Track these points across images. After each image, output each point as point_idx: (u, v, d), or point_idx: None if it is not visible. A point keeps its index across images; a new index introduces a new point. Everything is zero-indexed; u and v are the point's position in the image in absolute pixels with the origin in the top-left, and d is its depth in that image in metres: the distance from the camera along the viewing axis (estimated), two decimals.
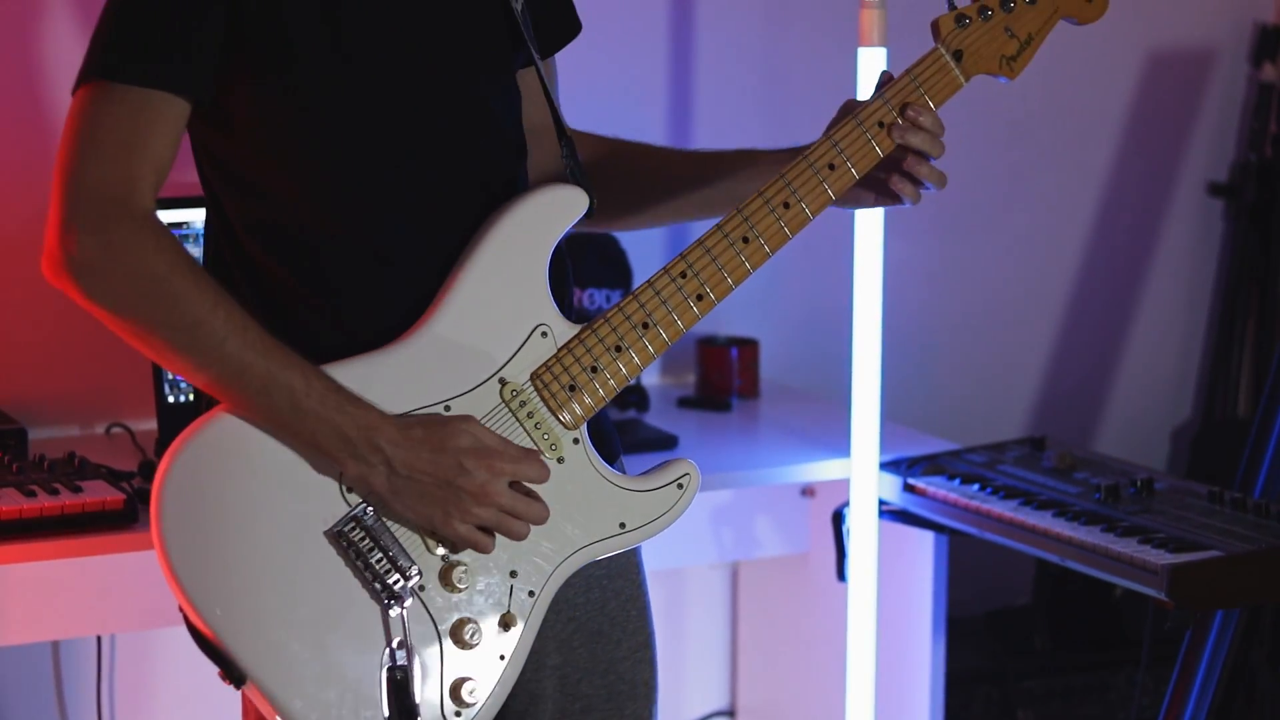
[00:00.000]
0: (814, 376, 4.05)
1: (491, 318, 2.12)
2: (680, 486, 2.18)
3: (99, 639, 3.34)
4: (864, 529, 3.25)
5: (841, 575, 3.33)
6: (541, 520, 2.09)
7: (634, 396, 3.67)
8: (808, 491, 3.73)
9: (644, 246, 3.87)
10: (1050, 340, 4.48)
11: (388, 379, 2.08)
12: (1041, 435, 3.49)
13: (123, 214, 1.99)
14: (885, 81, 2.25)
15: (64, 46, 3.32)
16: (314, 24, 2.07)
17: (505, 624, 2.10)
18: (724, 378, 3.85)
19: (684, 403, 3.83)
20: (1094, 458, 3.39)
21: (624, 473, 2.21)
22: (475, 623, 2.09)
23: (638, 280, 3.76)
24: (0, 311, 3.35)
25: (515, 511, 2.07)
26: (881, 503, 3.29)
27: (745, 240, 2.17)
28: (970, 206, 4.28)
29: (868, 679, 3.27)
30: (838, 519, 3.35)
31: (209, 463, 2.05)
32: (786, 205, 2.18)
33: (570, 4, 2.37)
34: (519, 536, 2.08)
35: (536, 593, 2.11)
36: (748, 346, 3.87)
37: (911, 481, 3.28)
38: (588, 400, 2.14)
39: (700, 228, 2.25)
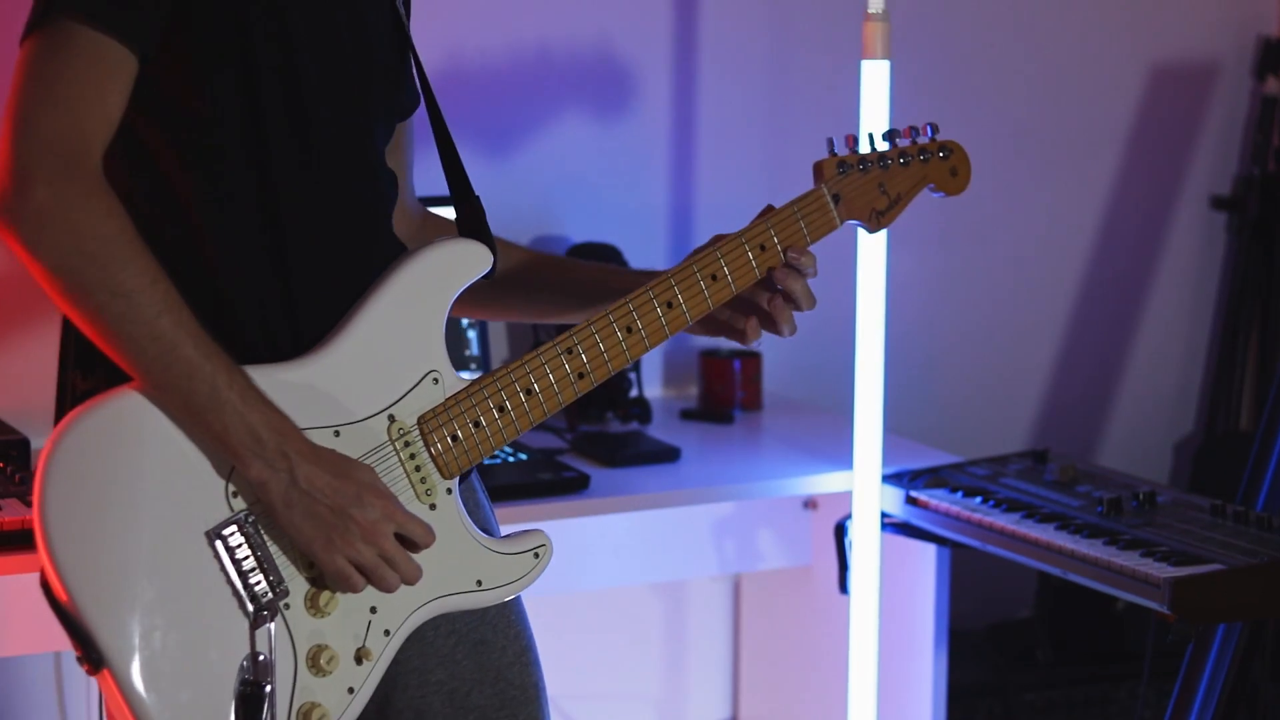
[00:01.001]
0: (817, 389, 4.05)
1: (387, 355, 2.16)
2: (536, 556, 2.23)
3: None
4: (866, 541, 3.25)
5: (844, 588, 3.33)
6: (413, 580, 2.11)
7: (636, 409, 3.68)
8: (810, 504, 3.73)
9: (647, 257, 3.88)
10: (1053, 353, 4.49)
11: (281, 394, 2.08)
12: (1044, 448, 3.49)
13: (77, 171, 1.97)
14: (766, 211, 2.35)
15: None
16: (260, 25, 2.08)
17: (359, 658, 2.12)
18: (727, 390, 3.85)
19: (686, 415, 3.83)
20: (1096, 471, 3.39)
21: (488, 532, 2.25)
22: (332, 650, 2.11)
23: None
24: (2, 321, 3.35)
25: (393, 561, 2.09)
26: (884, 515, 3.29)
27: (629, 330, 2.25)
28: (973, 219, 4.28)
29: (870, 691, 3.27)
30: (840, 531, 3.35)
31: (105, 437, 2.04)
32: (670, 305, 2.27)
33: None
34: (388, 587, 2.10)
35: (392, 632, 2.14)
36: (750, 359, 3.87)
37: (914, 494, 3.28)
38: (467, 452, 2.19)
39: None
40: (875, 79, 3.11)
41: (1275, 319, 4.54)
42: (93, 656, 2.01)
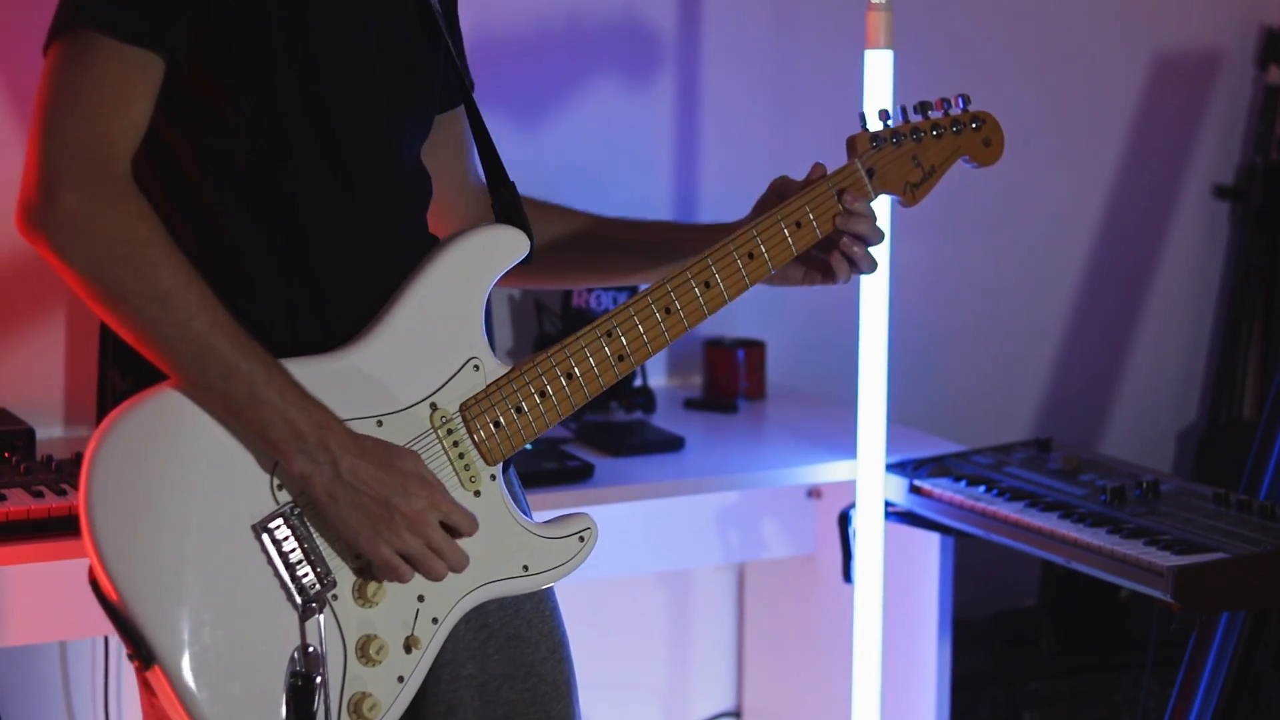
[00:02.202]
0: (820, 378, 4.06)
1: (427, 344, 2.17)
2: (581, 539, 2.24)
3: (106, 640, 3.34)
4: (870, 530, 3.26)
5: (848, 577, 3.34)
6: (460, 567, 2.12)
7: (640, 398, 3.68)
8: (814, 493, 3.73)
9: None
10: (1057, 342, 4.49)
11: (322, 386, 2.09)
12: (1047, 437, 3.49)
13: (105, 176, 1.98)
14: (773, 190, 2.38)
15: None
16: (282, 29, 2.08)
17: (408, 646, 2.13)
18: (731, 379, 3.85)
19: (690, 404, 3.83)
20: (1100, 460, 3.39)
21: (530, 517, 2.26)
22: (381, 640, 2.11)
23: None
24: (7, 313, 3.36)
25: (440, 550, 2.09)
26: (888, 504, 3.29)
27: (667, 311, 2.26)
28: (977, 208, 4.28)
29: (873, 680, 3.28)
30: (844, 520, 3.35)
31: (148, 434, 2.05)
32: (708, 285, 2.28)
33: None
34: (436, 576, 2.11)
35: (440, 620, 2.15)
36: (754, 348, 3.88)
37: (918, 483, 3.28)
38: (510, 438, 2.20)
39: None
40: (878, 69, 3.11)
41: (1278, 307, 4.54)
42: (143, 653, 2.02)
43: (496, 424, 2.18)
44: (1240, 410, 4.55)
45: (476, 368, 2.18)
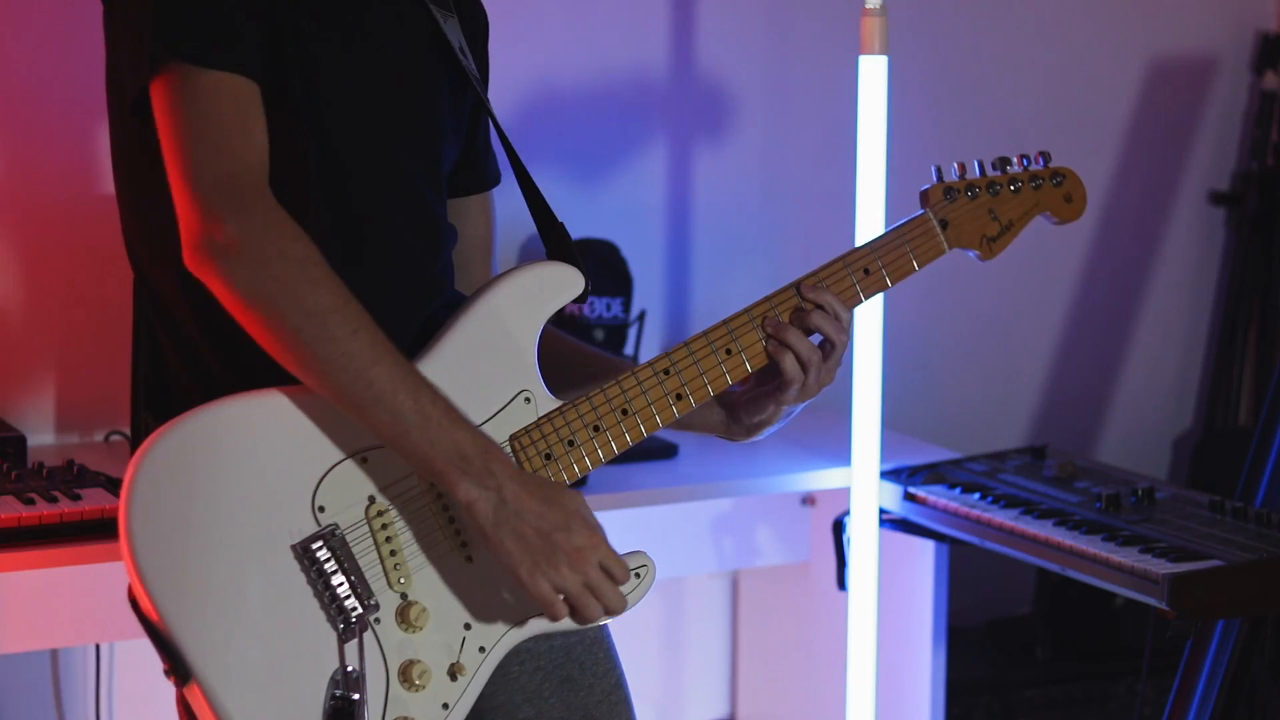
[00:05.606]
0: None
1: (478, 375, 2.16)
2: (638, 575, 2.19)
3: (98, 647, 3.33)
4: (864, 538, 3.25)
5: (842, 584, 3.33)
6: (617, 610, 2.08)
7: None
8: (808, 500, 3.73)
9: (645, 256, 3.87)
10: (1051, 349, 4.48)
11: None
12: (1042, 444, 3.49)
13: (256, 203, 2.02)
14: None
15: (49, 59, 3.31)
16: (293, 71, 2.11)
17: (453, 673, 2.11)
18: None
19: None
20: (1095, 467, 3.39)
21: None
22: (425, 665, 2.10)
23: (637, 289, 3.75)
24: (1, 318, 3.35)
25: (598, 589, 2.06)
26: (882, 512, 3.29)
27: (729, 352, 2.24)
28: None
29: (868, 688, 3.27)
30: (838, 528, 3.35)
31: (187, 454, 2.05)
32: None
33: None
34: (590, 618, 2.07)
35: (488, 649, 2.13)
36: None
37: (912, 490, 3.27)
38: (562, 471, 2.18)
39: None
40: (873, 74, 3.11)
41: (1274, 314, 4.54)
42: (180, 670, 2.01)
43: (547, 456, 2.17)
44: (1235, 417, 4.55)
45: (528, 400, 2.17)
